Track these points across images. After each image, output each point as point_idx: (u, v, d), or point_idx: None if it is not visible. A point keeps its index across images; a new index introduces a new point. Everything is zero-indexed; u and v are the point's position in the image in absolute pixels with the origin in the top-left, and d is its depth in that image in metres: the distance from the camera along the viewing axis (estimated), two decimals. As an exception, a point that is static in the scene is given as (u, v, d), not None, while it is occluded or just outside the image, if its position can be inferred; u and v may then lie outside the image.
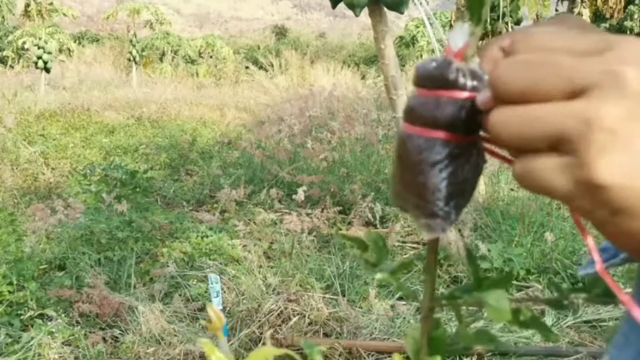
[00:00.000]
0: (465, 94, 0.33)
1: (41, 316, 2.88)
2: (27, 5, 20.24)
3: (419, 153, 0.34)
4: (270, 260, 3.55)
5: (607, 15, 14.82)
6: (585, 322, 2.82)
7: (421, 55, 14.62)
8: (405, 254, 3.80)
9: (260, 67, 16.30)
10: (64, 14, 20.86)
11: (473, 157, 0.34)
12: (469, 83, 0.33)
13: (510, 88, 0.31)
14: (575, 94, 0.29)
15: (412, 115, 0.35)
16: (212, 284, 2.23)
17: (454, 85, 0.33)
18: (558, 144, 0.29)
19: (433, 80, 0.34)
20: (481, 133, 0.34)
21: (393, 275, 0.40)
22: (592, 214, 0.30)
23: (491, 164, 4.27)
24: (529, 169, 0.30)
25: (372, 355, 2.56)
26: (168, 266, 3.42)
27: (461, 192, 0.35)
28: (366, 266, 0.41)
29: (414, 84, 0.35)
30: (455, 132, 0.33)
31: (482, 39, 0.34)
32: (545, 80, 0.30)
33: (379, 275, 0.40)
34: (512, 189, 4.51)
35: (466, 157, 0.34)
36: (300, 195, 4.16)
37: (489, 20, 7.43)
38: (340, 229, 4.16)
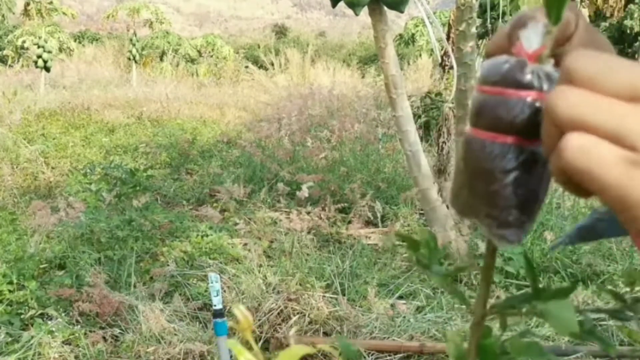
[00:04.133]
0: (541, 98, 0.32)
1: (41, 315, 2.88)
2: (27, 4, 20.25)
3: (491, 160, 0.32)
4: (270, 259, 3.55)
5: (607, 14, 14.83)
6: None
7: (420, 55, 14.58)
8: (405, 253, 3.80)
9: (260, 67, 16.29)
10: (64, 13, 20.87)
11: (547, 161, 0.33)
12: (545, 86, 0.32)
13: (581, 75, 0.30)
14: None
15: (481, 119, 0.33)
16: (212, 283, 2.23)
17: (530, 88, 0.32)
18: (616, 139, 0.29)
19: (506, 82, 0.32)
20: None
21: (445, 280, 0.38)
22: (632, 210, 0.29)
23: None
24: (587, 149, 0.29)
25: (372, 355, 2.56)
26: (168, 265, 3.42)
27: (535, 198, 0.33)
28: (418, 266, 0.39)
29: (481, 84, 0.33)
30: (531, 137, 0.32)
31: (481, 37, 0.34)
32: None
33: (434, 280, 0.38)
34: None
35: (541, 162, 0.32)
36: (303, 192, 4.16)
37: (488, 20, 7.42)
38: (340, 228, 4.16)
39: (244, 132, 7.99)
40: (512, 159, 0.32)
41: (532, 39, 0.32)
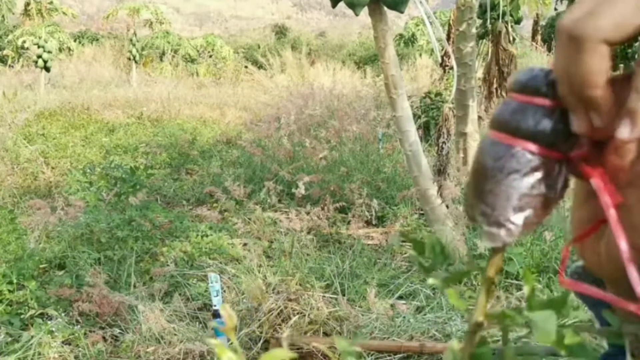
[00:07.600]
0: (549, 103, 0.32)
1: (41, 315, 2.88)
2: (27, 4, 20.24)
3: (496, 160, 0.33)
4: (270, 260, 3.55)
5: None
6: (584, 321, 2.82)
7: (420, 55, 14.57)
8: (405, 254, 3.80)
9: (260, 67, 16.27)
10: (64, 13, 20.86)
11: (554, 174, 0.32)
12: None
13: None
14: None
15: (497, 121, 0.34)
16: (212, 283, 2.23)
17: (544, 95, 0.32)
18: None
19: (526, 88, 0.33)
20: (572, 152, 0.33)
21: (446, 284, 0.37)
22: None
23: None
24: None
25: (372, 355, 2.56)
26: (168, 265, 3.42)
27: (532, 207, 0.33)
28: (420, 270, 0.38)
29: (509, 90, 0.34)
30: (539, 144, 0.32)
31: (481, 38, 0.34)
32: None
33: (430, 281, 0.37)
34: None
35: (546, 172, 0.32)
36: (300, 189, 4.15)
37: (488, 20, 7.42)
38: (340, 228, 4.16)
39: (244, 132, 7.98)
40: (516, 161, 0.32)
41: None
